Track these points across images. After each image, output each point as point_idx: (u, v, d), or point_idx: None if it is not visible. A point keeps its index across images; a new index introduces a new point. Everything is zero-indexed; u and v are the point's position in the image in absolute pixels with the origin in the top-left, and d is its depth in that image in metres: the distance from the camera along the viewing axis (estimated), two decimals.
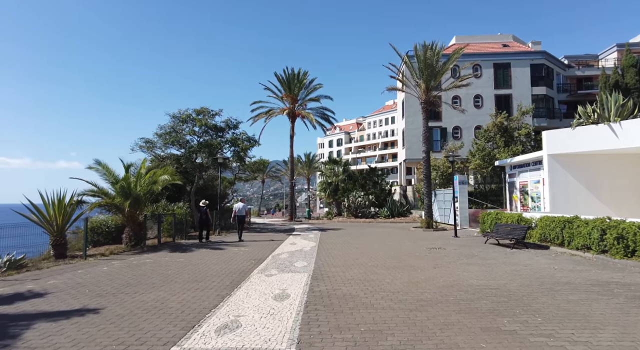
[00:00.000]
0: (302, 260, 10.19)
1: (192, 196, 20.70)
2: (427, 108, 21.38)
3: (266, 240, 15.89)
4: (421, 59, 20.40)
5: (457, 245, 13.46)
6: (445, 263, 9.74)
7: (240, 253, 11.81)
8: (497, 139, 27.08)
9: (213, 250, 12.71)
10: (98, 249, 13.39)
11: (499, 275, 8.08)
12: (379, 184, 33.15)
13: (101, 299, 6.34)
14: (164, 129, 20.01)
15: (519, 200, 20.48)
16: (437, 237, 16.75)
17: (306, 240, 15.61)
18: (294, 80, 32.87)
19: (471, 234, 17.92)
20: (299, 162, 58.21)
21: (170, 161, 19.98)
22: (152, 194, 14.04)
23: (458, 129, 35.35)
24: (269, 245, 13.98)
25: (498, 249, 12.50)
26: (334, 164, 36.38)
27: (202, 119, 19.67)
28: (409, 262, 9.94)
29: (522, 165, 19.88)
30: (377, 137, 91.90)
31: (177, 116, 20.26)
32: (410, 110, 35.66)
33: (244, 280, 7.73)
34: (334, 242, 14.80)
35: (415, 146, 35.41)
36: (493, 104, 34.72)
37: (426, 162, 21.00)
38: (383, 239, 15.91)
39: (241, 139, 20.59)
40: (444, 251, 12.03)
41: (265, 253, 11.75)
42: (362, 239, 15.98)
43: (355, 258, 10.57)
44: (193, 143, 20.00)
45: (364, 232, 19.62)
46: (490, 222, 16.30)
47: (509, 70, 34.78)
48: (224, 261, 10.22)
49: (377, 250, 12.15)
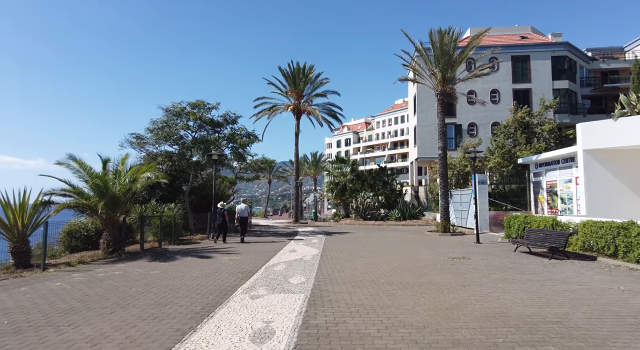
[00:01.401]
0: (300, 275, 8.41)
1: (186, 197, 19.07)
2: (444, 100, 19.46)
3: (264, 246, 14.16)
4: (437, 46, 18.51)
5: (482, 254, 11.57)
6: (476, 279, 7.89)
7: (229, 263, 10.08)
8: (518, 135, 25.02)
9: (199, 258, 11.01)
10: (72, 256, 11.81)
11: (552, 299, 6.21)
12: (389, 184, 31.24)
13: (12, 338, 4.63)
14: (157, 124, 18.42)
15: (545, 202, 18.48)
16: (457, 243, 14.86)
17: (309, 246, 13.84)
18: (299, 75, 31.16)
19: (494, 239, 15.98)
20: (305, 162, 56.51)
21: (162, 158, 18.40)
22: (134, 194, 12.39)
23: (474, 126, 33.28)
24: (266, 252, 12.25)
25: (533, 259, 10.59)
26: (342, 163, 34.55)
27: (197, 112, 18.03)
28: (431, 277, 8.11)
29: (550, 162, 17.87)
30: (386, 136, 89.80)
31: (170, 110, 18.66)
32: (423, 106, 33.71)
33: (221, 305, 5.98)
34: (340, 249, 13.01)
35: (428, 144, 33.47)
36: (511, 99, 32.57)
37: (442, 159, 19.09)
38: (395, 245, 14.07)
39: (239, 135, 18.89)
40: (470, 262, 10.16)
41: (258, 263, 10.01)
42: (371, 245, 14.16)
43: (364, 272, 8.77)
44: (187, 139, 18.37)
45: (373, 236, 17.79)
46: (518, 227, 14.36)
47: (528, 63, 32.60)
48: (206, 274, 8.50)
49: (389, 261, 10.32)
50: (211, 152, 16.78)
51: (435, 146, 34.52)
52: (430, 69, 18.92)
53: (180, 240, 15.89)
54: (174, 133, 17.92)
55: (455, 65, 18.94)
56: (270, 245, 14.41)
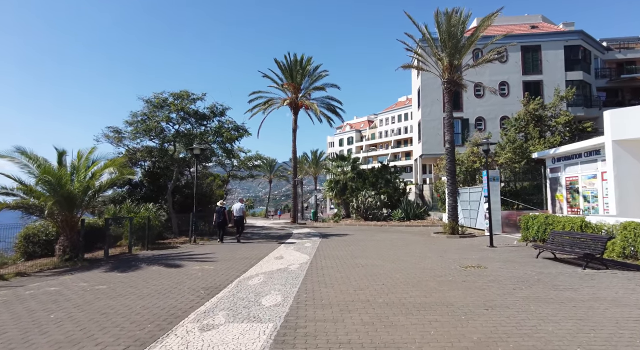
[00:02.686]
0: (278, 292, 6.72)
1: (169, 196, 17.44)
2: (450, 89, 17.69)
3: (249, 251, 12.49)
4: (443, 28, 16.75)
5: (500, 261, 9.84)
6: (499, 297, 6.18)
7: (197, 275, 8.41)
8: (530, 128, 23.19)
9: (166, 268, 9.35)
10: (24, 264, 10.19)
11: (615, 335, 4.48)
12: (392, 182, 29.47)
13: None
14: (137, 117, 16.81)
15: (564, 200, 16.68)
16: (467, 246, 13.12)
17: (299, 251, 12.15)
18: (296, 67, 29.46)
19: (509, 242, 14.22)
20: (305, 160, 54.82)
21: (142, 154, 16.78)
22: (97, 192, 10.77)
23: (481, 120, 31.45)
24: (247, 260, 10.57)
25: (562, 267, 8.84)
26: (342, 161, 32.82)
27: (179, 103, 16.38)
28: (442, 295, 6.40)
29: (570, 156, 16.08)
30: (389, 134, 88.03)
31: (151, 101, 17.03)
32: (427, 100, 31.93)
33: (153, 344, 4.31)
34: (334, 255, 11.31)
35: (433, 140, 31.74)
36: (521, 91, 30.68)
37: (450, 153, 17.33)
38: (399, 250, 12.35)
39: (226, 128, 17.21)
40: (487, 271, 8.44)
41: (231, 275, 8.33)
42: (371, 249, 12.45)
43: (358, 287, 7.07)
44: (169, 133, 16.74)
45: (374, 238, 16.08)
46: (538, 228, 12.60)
47: (539, 53, 30.70)
48: (161, 291, 6.84)
49: (391, 271, 8.61)
50: (192, 146, 15.10)
51: (440, 142, 32.89)
52: (436, 53, 17.16)
53: (158, 244, 14.27)
54: (154, 126, 16.28)
55: (464, 50, 17.18)
56: (257, 250, 12.74)
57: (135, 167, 19.61)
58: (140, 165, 19.10)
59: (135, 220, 12.88)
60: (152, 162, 19.14)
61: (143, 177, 19.44)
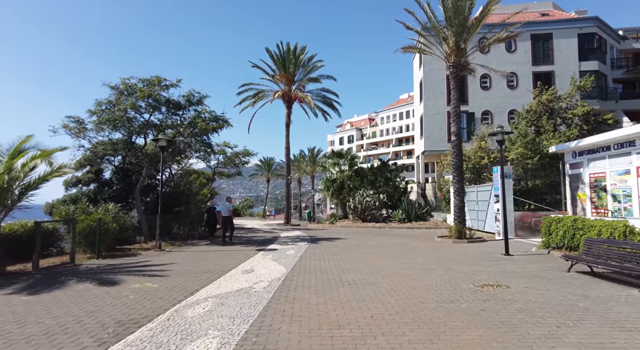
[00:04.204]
0: (216, 334, 4.65)
1: (137, 196, 15.38)
2: (457, 74, 15.60)
3: (217, 260, 10.44)
4: (449, 4, 14.66)
5: (523, 276, 7.77)
6: (540, 340, 4.13)
7: (126, 299, 6.36)
8: (544, 121, 21.10)
9: (98, 286, 7.29)
10: None
11: None
12: (392, 181, 27.38)
13: None
14: (102, 106, 14.78)
15: (588, 200, 14.57)
16: (479, 254, 11.05)
17: (277, 262, 10.09)
18: (289, 57, 27.40)
19: (527, 248, 12.15)
20: (303, 159, 52.76)
21: (105, 147, 14.73)
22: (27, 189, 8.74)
23: (488, 114, 29.32)
24: (208, 273, 8.53)
25: (608, 288, 6.76)
26: (339, 158, 30.74)
27: (147, 89, 14.31)
28: (456, 339, 4.34)
29: (596, 150, 13.97)
30: (390, 133, 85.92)
31: (118, 87, 14.99)
32: (430, 92, 29.81)
33: None
34: (318, 268, 9.25)
35: (436, 134, 29.65)
36: (530, 83, 28.53)
37: (456, 147, 15.24)
38: (397, 259, 10.28)
39: (202, 117, 15.14)
40: (510, 294, 6.38)
41: (173, 299, 6.28)
42: (364, 259, 10.39)
43: (338, 323, 5.00)
44: (136, 124, 14.67)
45: (370, 244, 14.01)
46: (564, 234, 10.51)
47: (551, 42, 28.52)
48: (51, 330, 4.78)
49: (385, 293, 6.55)
50: (157, 137, 13.03)
51: (444, 137, 30.73)
52: (441, 32, 15.07)
53: (117, 251, 12.24)
54: (120, 116, 14.23)
55: (472, 29, 15.09)
56: (227, 259, 10.68)
57: (105, 163, 17.65)
58: (108, 160, 17.09)
59: (85, 223, 10.84)
60: (122, 157, 17.14)
61: (112, 174, 17.45)
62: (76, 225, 10.30)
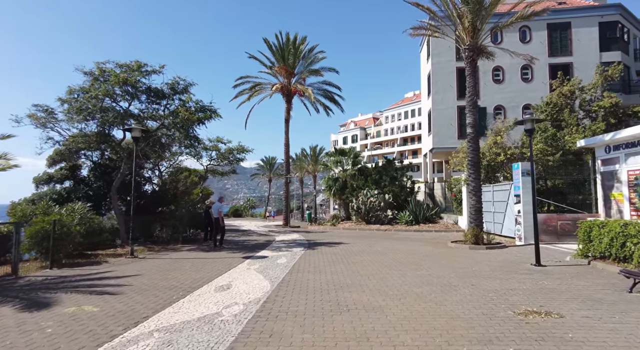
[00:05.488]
0: None
1: (113, 195, 13.70)
2: (474, 58, 13.84)
3: (191, 272, 8.72)
4: None
5: (573, 298, 5.99)
6: None
7: (29, 340, 4.66)
8: (566, 114, 19.23)
9: (19, 311, 5.58)
10: None
11: None
12: (398, 180, 25.56)
13: None
14: (74, 94, 13.13)
15: (626, 201, 12.70)
16: (504, 265, 9.26)
17: (262, 274, 8.35)
18: (288, 48, 25.70)
19: (559, 257, 10.34)
20: (305, 158, 51.04)
21: (74, 140, 13.08)
22: None
23: (501, 109, 27.45)
24: (173, 289, 6.82)
25: None
26: (341, 156, 29.04)
27: (121, 74, 12.62)
28: None
29: (637, 142, 12.12)
30: (395, 132, 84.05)
31: (93, 73, 13.35)
32: (438, 85, 27.99)
33: None
34: (312, 283, 7.51)
35: (446, 131, 27.81)
36: (547, 75, 26.67)
37: (473, 140, 13.46)
38: (408, 271, 8.51)
39: (185, 106, 13.42)
40: (566, 326, 4.60)
41: (106, 332, 4.56)
42: (369, 271, 8.63)
43: None
44: (110, 114, 12.96)
45: (375, 250, 12.24)
46: (610, 241, 8.70)
47: (569, 31, 26.59)
48: None
49: (397, 325, 4.78)
50: (130, 127, 11.31)
51: (453, 134, 28.84)
52: (456, 6, 13.27)
53: (84, 257, 10.58)
54: (93, 104, 12.57)
55: (490, 7, 13.33)
56: (204, 269, 8.96)
57: (82, 159, 16.03)
58: (85, 155, 15.47)
59: (39, 227, 9.18)
60: (100, 152, 15.51)
61: (90, 171, 15.82)
62: (22, 228, 8.61)
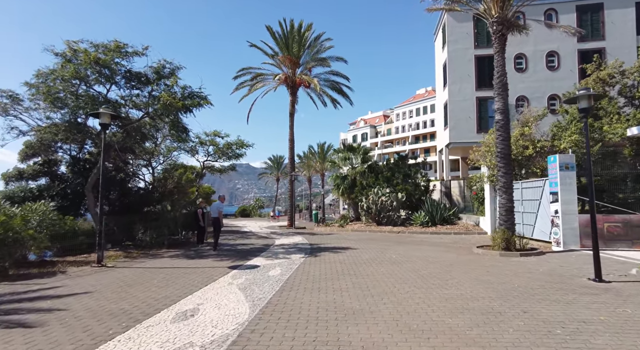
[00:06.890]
0: None
1: (89, 193, 12.01)
2: (504, 33, 11.81)
3: (158, 289, 6.92)
4: None
5: None
6: None
7: None
8: (605, 102, 17.00)
9: None
10: None
11: None
12: (411, 178, 23.52)
13: None
14: (41, 78, 11.49)
15: None
16: (551, 278, 7.23)
17: (244, 291, 6.50)
18: (292, 35, 23.88)
19: (618, 268, 8.28)
20: (312, 155, 49.22)
21: (41, 129, 11.42)
22: None
23: (524, 100, 25.20)
24: (120, 316, 5.03)
25: None
26: (350, 152, 27.10)
27: (93, 53, 10.92)
28: None
29: None
30: (406, 130, 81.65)
31: (64, 54, 11.68)
32: (455, 75, 25.86)
33: None
34: (306, 308, 5.63)
35: (464, 124, 25.67)
36: (575, 63, 24.41)
37: (503, 128, 11.44)
38: (432, 288, 6.55)
39: (170, 92, 11.66)
40: None
41: None
42: (382, 289, 6.70)
43: None
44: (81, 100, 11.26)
45: (388, 257, 10.29)
46: None
47: (601, 13, 24.23)
48: None
49: None
50: (96, 111, 9.55)
51: (472, 128, 26.56)
52: None
53: (41, 266, 8.89)
54: (64, 87, 10.90)
55: None
56: (175, 284, 7.15)
57: (60, 153, 14.42)
58: (62, 149, 13.86)
59: None
60: (78, 145, 13.88)
61: (68, 167, 14.20)
62: None
